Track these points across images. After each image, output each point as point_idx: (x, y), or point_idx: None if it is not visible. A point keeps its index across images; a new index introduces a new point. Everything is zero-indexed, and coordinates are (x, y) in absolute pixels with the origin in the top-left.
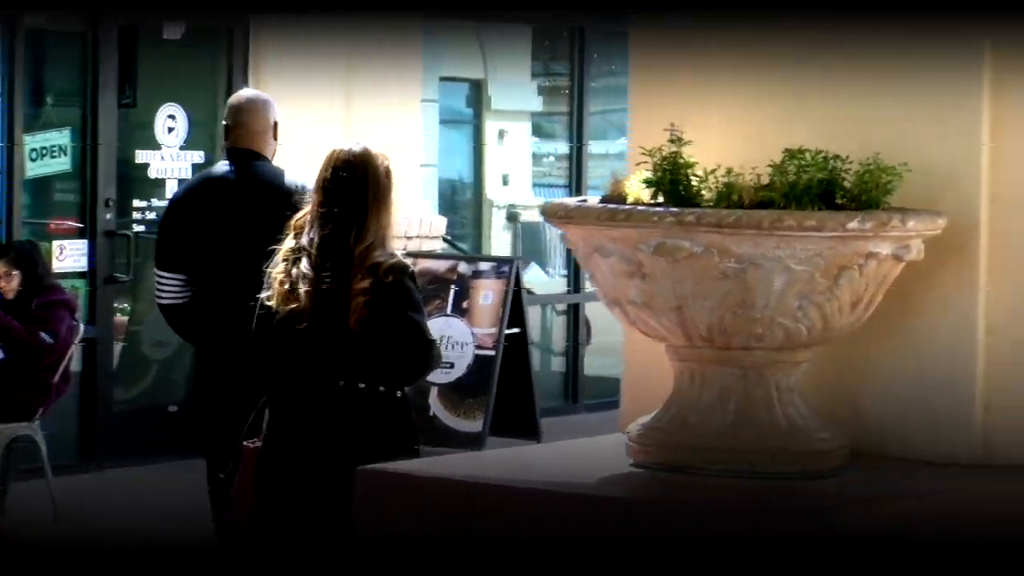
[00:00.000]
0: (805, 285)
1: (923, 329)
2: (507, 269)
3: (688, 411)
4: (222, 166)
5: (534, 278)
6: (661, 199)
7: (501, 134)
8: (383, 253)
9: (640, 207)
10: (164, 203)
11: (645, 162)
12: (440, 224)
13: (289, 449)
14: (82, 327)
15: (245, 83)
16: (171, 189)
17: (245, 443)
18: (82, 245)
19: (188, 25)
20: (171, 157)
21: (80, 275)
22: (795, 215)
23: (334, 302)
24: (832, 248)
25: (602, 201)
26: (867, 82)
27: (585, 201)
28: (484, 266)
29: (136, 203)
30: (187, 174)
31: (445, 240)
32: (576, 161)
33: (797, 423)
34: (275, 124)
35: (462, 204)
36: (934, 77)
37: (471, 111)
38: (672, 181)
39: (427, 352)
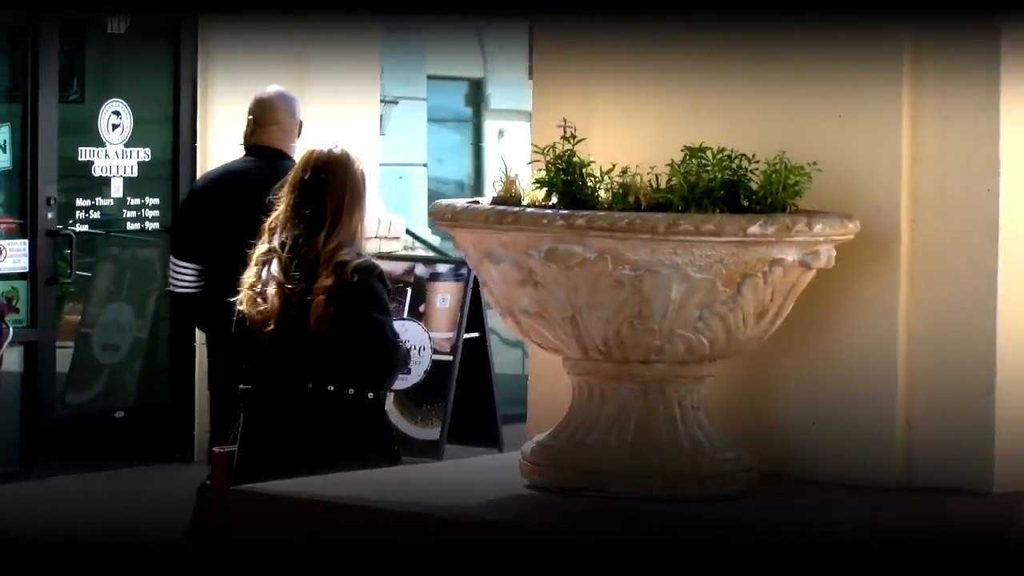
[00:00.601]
0: (706, 294)
1: (840, 340)
2: (465, 272)
3: (586, 429)
4: (247, 161)
5: None
6: (555, 201)
7: (501, 133)
8: (350, 252)
9: (529, 209)
10: (108, 202)
11: (539, 161)
12: (399, 224)
13: (263, 454)
14: (12, 331)
15: (193, 78)
16: (116, 187)
17: (214, 449)
18: (22, 245)
19: (133, 19)
20: (116, 155)
21: (20, 276)
22: (692, 219)
23: (300, 303)
24: (733, 255)
25: (493, 202)
26: (782, 76)
27: (477, 203)
28: (442, 268)
29: (79, 202)
30: (133, 172)
31: (408, 233)
32: None
33: (701, 443)
34: (300, 123)
35: None
36: (851, 70)
37: (470, 110)
38: (565, 181)
39: (389, 353)
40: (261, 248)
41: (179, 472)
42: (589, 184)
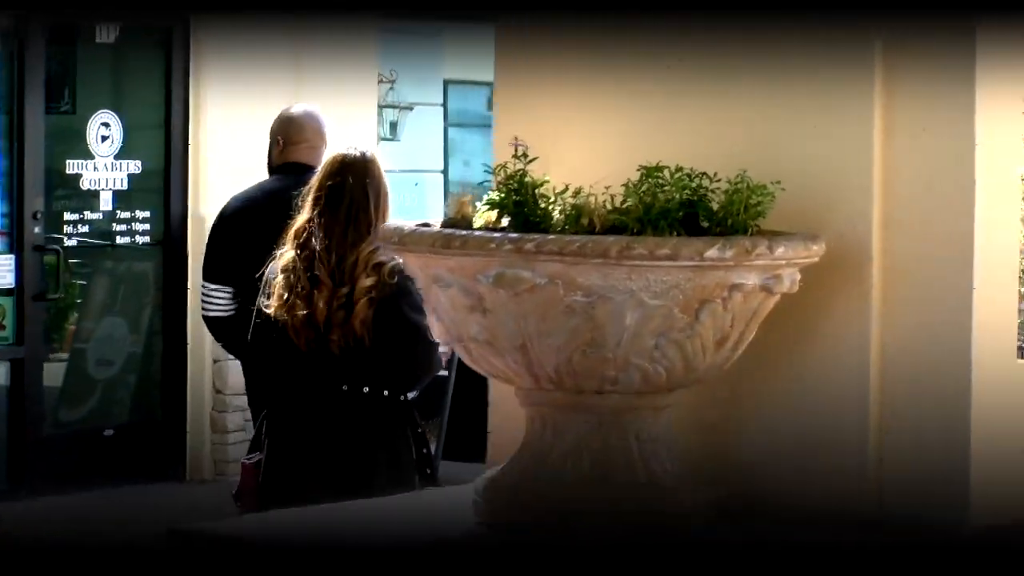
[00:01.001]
0: (662, 321)
1: (811, 367)
2: None
3: (538, 463)
4: (276, 180)
5: None
6: (507, 223)
7: None
8: (384, 252)
9: (477, 232)
10: (98, 215)
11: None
12: None
13: (294, 458)
14: None
15: (185, 89)
16: (105, 200)
17: (243, 460)
18: (8, 260)
19: (123, 27)
20: (105, 167)
21: (7, 292)
22: (646, 242)
23: (342, 307)
24: (690, 279)
25: (444, 224)
26: (748, 92)
27: (428, 225)
28: None
29: (67, 216)
30: (123, 185)
31: None
32: None
33: (660, 477)
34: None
35: None
36: (821, 85)
37: (491, 115)
38: (517, 203)
39: (426, 354)
40: (290, 254)
41: (172, 491)
42: (542, 205)
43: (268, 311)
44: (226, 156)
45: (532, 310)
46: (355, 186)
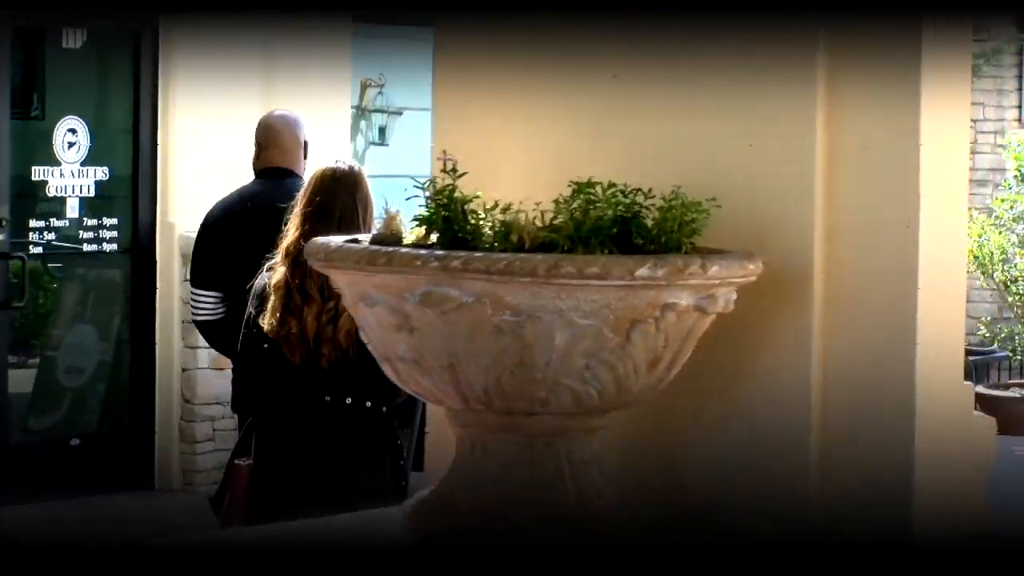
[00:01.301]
0: (592, 342)
1: (752, 389)
2: None
3: (468, 485)
4: (257, 184)
5: None
6: (436, 239)
7: None
8: None
9: (403, 250)
10: (64, 223)
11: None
12: None
13: (280, 469)
14: None
15: (154, 92)
16: (72, 207)
17: (236, 461)
18: None
19: (90, 32)
20: (72, 174)
21: None
22: (575, 260)
23: (331, 320)
24: (622, 299)
25: (373, 241)
26: (689, 105)
27: (357, 241)
28: None
29: (33, 223)
30: (90, 192)
31: None
32: None
33: (592, 499)
34: (305, 143)
35: None
36: (763, 98)
37: None
38: (445, 219)
39: None
40: (281, 271)
41: (140, 500)
42: (471, 221)
43: (262, 327)
44: (195, 162)
45: (460, 329)
46: (346, 201)
